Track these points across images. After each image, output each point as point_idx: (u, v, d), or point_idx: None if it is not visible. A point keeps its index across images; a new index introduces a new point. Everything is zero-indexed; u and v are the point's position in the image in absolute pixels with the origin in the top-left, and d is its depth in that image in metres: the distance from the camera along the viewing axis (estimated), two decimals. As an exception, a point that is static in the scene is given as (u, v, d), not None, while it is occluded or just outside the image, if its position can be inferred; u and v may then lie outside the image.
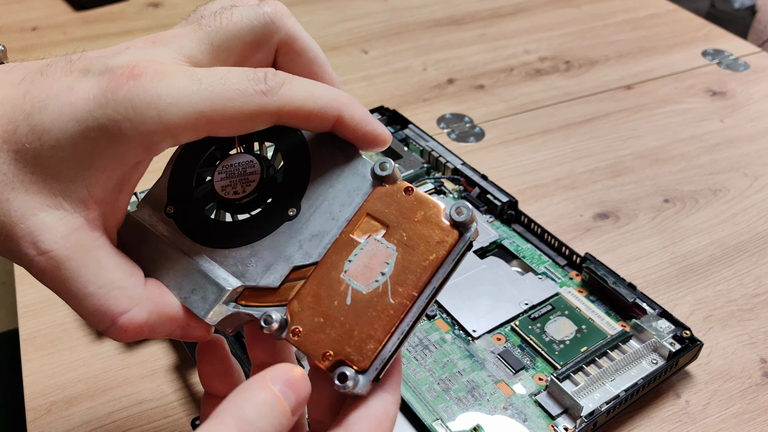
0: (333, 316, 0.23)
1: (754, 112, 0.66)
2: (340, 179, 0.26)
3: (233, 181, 0.26)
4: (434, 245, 0.24)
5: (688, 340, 0.40)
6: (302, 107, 0.23)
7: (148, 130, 0.22)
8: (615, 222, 0.53)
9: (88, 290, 0.23)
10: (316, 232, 0.25)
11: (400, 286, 0.24)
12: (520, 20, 0.82)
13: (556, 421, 0.37)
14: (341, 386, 0.22)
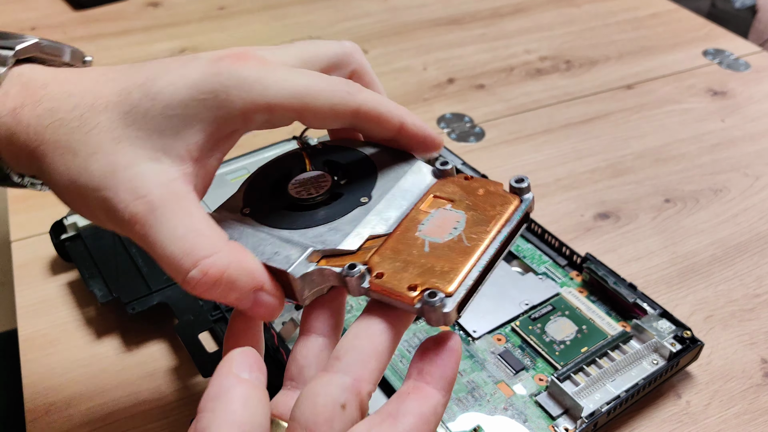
0: (414, 261, 0.25)
1: (755, 111, 0.66)
2: (405, 176, 0.29)
3: (306, 187, 0.29)
4: (499, 207, 0.27)
5: (689, 340, 0.40)
6: (375, 109, 0.28)
7: (252, 100, 0.25)
8: (615, 222, 0.53)
9: (176, 233, 0.24)
10: (389, 211, 0.28)
11: (473, 234, 0.26)
12: (521, 20, 0.82)
13: (557, 421, 0.36)
14: (430, 303, 0.23)
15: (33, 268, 0.48)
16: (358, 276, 0.25)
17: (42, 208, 0.53)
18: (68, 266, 0.48)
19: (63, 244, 0.46)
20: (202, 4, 0.84)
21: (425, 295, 0.24)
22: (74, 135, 0.26)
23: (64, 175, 0.26)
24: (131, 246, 0.45)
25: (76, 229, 0.46)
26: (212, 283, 0.24)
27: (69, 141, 0.26)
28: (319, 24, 0.80)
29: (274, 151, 0.55)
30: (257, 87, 0.25)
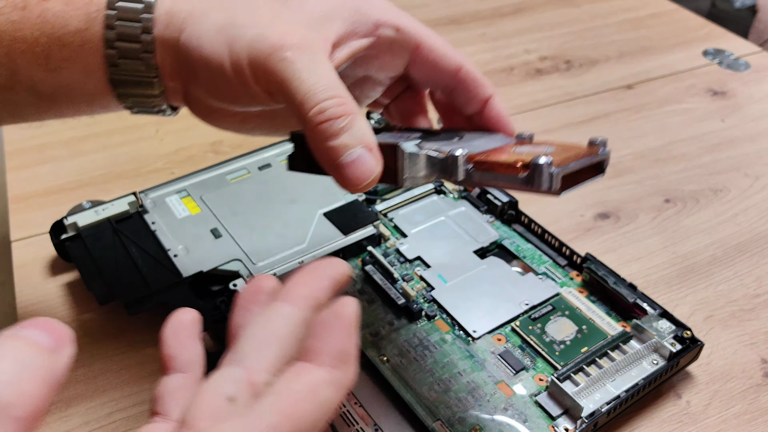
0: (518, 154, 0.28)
1: (755, 111, 0.66)
2: (495, 136, 0.33)
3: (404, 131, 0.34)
4: (579, 148, 0.30)
5: (689, 340, 0.40)
6: (474, 72, 0.34)
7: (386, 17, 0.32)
8: (615, 222, 0.53)
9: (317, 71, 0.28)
10: (485, 144, 0.31)
11: (562, 153, 0.28)
12: (521, 20, 0.82)
13: (557, 421, 0.36)
14: (539, 164, 0.25)
15: (33, 268, 0.48)
16: (463, 156, 0.28)
17: (42, 208, 0.53)
18: (68, 266, 0.48)
19: (63, 244, 0.46)
20: None
21: (532, 160, 0.25)
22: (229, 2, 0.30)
23: (216, 23, 0.29)
24: (131, 246, 0.45)
25: (76, 229, 0.46)
26: (337, 117, 0.27)
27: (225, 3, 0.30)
28: (319, 24, 0.80)
29: (274, 151, 0.55)
30: (395, 11, 0.32)
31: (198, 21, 0.29)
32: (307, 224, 0.47)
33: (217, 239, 0.46)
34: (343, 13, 0.31)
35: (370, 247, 0.46)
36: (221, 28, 0.29)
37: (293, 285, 0.24)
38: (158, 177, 0.56)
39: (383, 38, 0.32)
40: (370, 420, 0.37)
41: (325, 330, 0.22)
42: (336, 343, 0.22)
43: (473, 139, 0.32)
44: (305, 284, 0.24)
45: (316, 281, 0.24)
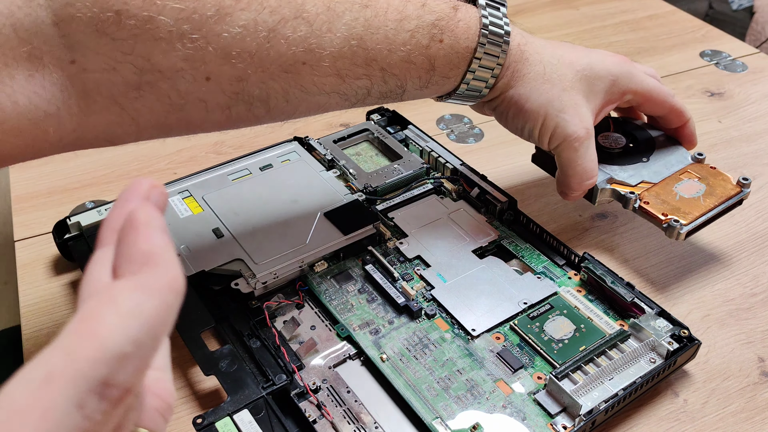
0: (668, 202, 0.45)
1: (752, 112, 0.66)
2: (674, 154, 0.49)
3: (609, 141, 0.49)
4: (726, 190, 0.46)
5: (686, 339, 0.40)
6: (681, 109, 0.48)
7: (629, 87, 0.46)
8: (613, 222, 0.53)
9: (591, 157, 0.45)
10: (658, 171, 0.48)
11: (708, 198, 0.45)
12: (520, 21, 0.82)
13: (555, 419, 0.37)
14: (673, 224, 0.43)
15: (36, 267, 0.48)
16: (634, 198, 0.45)
17: (45, 208, 0.53)
18: (71, 266, 0.48)
19: (66, 244, 0.46)
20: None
21: (671, 219, 0.44)
22: (552, 75, 0.43)
23: (543, 95, 0.43)
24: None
25: (79, 228, 0.47)
26: (587, 188, 0.46)
27: (550, 77, 0.43)
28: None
29: (275, 152, 0.55)
30: (635, 80, 0.45)
31: (525, 85, 0.43)
32: (307, 224, 0.48)
33: (218, 239, 0.47)
34: (606, 87, 0.45)
35: (370, 246, 0.47)
36: (545, 103, 0.42)
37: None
38: (161, 177, 0.57)
39: (625, 101, 0.47)
40: (370, 418, 0.37)
41: (121, 243, 0.21)
42: (134, 250, 0.20)
43: (655, 162, 0.48)
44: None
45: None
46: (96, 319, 0.18)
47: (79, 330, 0.18)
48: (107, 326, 0.18)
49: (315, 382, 0.39)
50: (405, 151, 0.55)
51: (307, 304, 0.44)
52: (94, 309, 0.18)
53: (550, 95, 0.42)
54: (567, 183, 0.45)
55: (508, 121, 0.45)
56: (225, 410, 0.36)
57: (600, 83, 0.44)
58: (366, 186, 0.51)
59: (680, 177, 0.47)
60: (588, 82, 0.44)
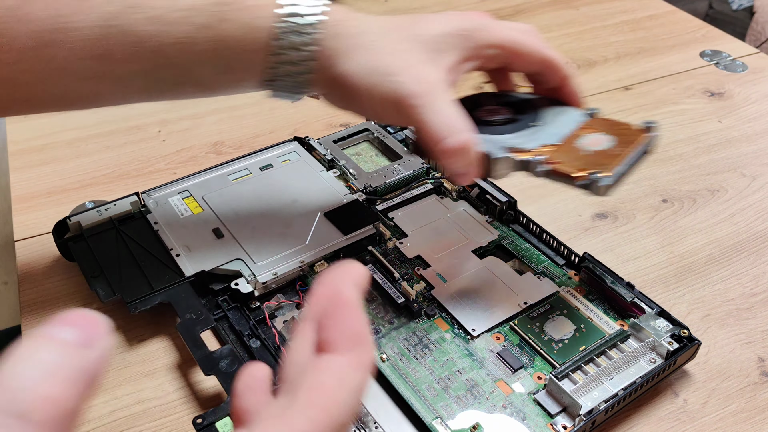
0: (579, 158, 0.37)
1: (752, 112, 0.66)
2: (565, 113, 0.42)
3: (492, 115, 0.42)
4: (635, 135, 0.39)
5: (686, 339, 0.40)
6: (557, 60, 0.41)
7: (489, 39, 0.39)
8: (613, 222, 0.53)
9: (443, 112, 0.37)
10: (553, 132, 0.40)
11: (621, 146, 0.38)
12: (520, 21, 0.82)
13: (555, 419, 0.37)
14: (595, 177, 0.35)
15: (36, 267, 0.48)
16: (540, 161, 0.37)
17: (45, 209, 0.53)
18: (71, 266, 0.48)
19: (66, 244, 0.46)
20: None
21: (590, 174, 0.36)
22: (375, 42, 0.38)
23: (366, 65, 0.37)
24: (134, 246, 0.46)
25: (78, 229, 0.47)
26: (459, 150, 0.37)
27: (372, 45, 0.37)
28: (319, 25, 0.80)
29: (275, 152, 0.55)
30: (493, 32, 0.40)
31: (346, 61, 0.37)
32: (307, 224, 0.48)
33: (218, 239, 0.47)
34: (457, 42, 0.39)
35: (370, 246, 0.47)
36: (369, 72, 0.37)
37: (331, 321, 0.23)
38: (161, 177, 0.57)
39: (488, 56, 0.40)
40: (370, 417, 0.37)
41: (331, 319, 0.22)
42: (346, 328, 0.22)
43: (548, 124, 0.41)
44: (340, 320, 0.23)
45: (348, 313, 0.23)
46: (328, 394, 0.21)
47: (313, 401, 0.21)
48: (338, 401, 0.21)
49: (315, 382, 0.39)
50: (405, 151, 0.55)
51: (307, 304, 0.44)
52: (324, 383, 0.21)
53: (374, 64, 0.37)
54: (433, 153, 0.38)
55: (346, 104, 0.40)
56: (225, 410, 0.36)
57: (448, 39, 0.39)
58: (366, 186, 0.51)
59: (581, 133, 0.40)
60: (428, 42, 0.38)
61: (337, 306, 0.23)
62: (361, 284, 0.24)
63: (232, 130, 0.63)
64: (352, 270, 0.24)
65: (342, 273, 0.24)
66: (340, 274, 0.24)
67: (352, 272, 0.24)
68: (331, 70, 0.38)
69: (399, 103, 0.37)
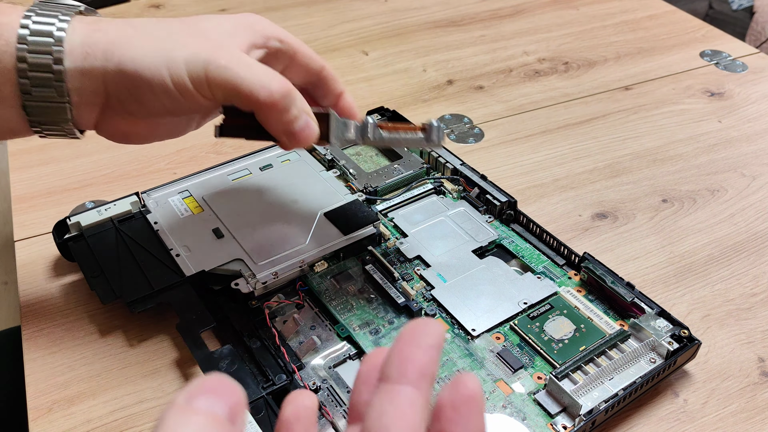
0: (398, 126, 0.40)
1: (752, 112, 0.66)
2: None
3: None
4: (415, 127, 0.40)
5: (686, 339, 0.40)
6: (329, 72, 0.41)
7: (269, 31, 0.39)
8: (613, 222, 0.53)
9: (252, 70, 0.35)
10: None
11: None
12: (519, 22, 0.82)
13: (555, 419, 0.37)
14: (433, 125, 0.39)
15: (36, 267, 0.48)
16: (374, 123, 0.39)
17: (45, 209, 0.53)
18: (71, 266, 0.48)
19: (66, 244, 0.46)
20: (204, 5, 0.84)
21: (428, 122, 0.38)
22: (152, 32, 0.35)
23: (152, 45, 0.34)
24: (134, 246, 0.46)
25: (78, 229, 0.47)
26: (285, 95, 0.35)
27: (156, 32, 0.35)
28: (320, 26, 0.81)
29: (275, 152, 0.55)
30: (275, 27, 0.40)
31: (127, 49, 0.34)
32: (307, 224, 0.48)
33: (218, 239, 0.47)
34: (242, 31, 0.37)
35: (370, 246, 0.47)
36: (154, 53, 0.34)
37: (405, 361, 0.21)
38: (160, 177, 0.57)
39: (272, 48, 0.39)
40: (370, 417, 0.37)
41: (457, 414, 0.21)
42: (473, 427, 0.21)
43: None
44: (417, 360, 0.21)
45: (426, 354, 0.21)
46: None
47: None
48: None
49: (315, 382, 0.39)
50: (405, 151, 0.55)
51: (307, 304, 0.44)
52: None
53: (164, 45, 0.34)
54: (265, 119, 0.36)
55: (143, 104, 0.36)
56: (225, 410, 0.36)
57: (234, 30, 0.37)
58: (366, 186, 0.51)
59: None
60: (217, 32, 0.36)
61: (466, 400, 0.21)
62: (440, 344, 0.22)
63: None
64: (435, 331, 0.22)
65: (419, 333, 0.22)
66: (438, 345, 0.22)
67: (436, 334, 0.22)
68: (102, 74, 0.34)
69: (207, 74, 0.34)
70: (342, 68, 0.72)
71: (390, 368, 0.21)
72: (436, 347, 0.22)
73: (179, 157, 0.60)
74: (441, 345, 0.22)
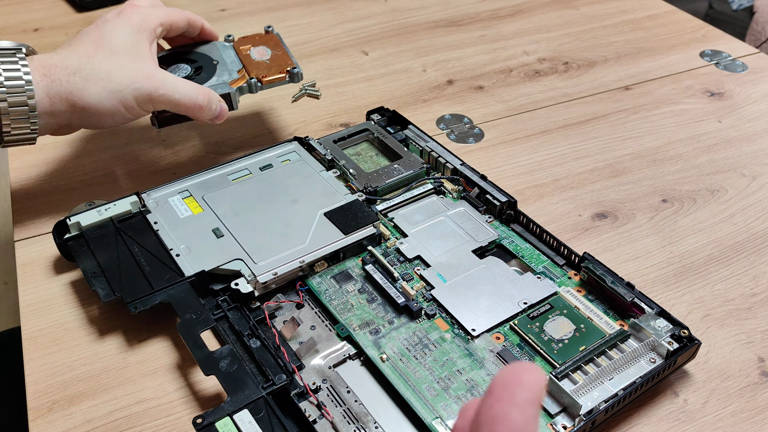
0: (266, 65, 0.56)
1: (752, 112, 0.66)
2: (217, 46, 0.57)
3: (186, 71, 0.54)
4: (268, 38, 0.59)
5: (686, 339, 0.40)
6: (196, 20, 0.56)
7: (155, 24, 0.51)
8: (613, 222, 0.53)
9: (181, 89, 0.49)
10: (234, 60, 0.56)
11: (273, 49, 0.57)
12: (519, 22, 0.82)
13: (555, 419, 0.37)
14: (294, 72, 0.55)
15: (36, 267, 0.48)
16: (254, 83, 0.54)
17: (45, 209, 0.53)
18: (71, 266, 0.48)
19: (66, 244, 0.46)
20: (204, 5, 0.84)
21: (287, 70, 0.55)
22: (95, 71, 0.46)
23: (104, 91, 0.46)
24: (134, 246, 0.46)
25: (78, 228, 0.47)
26: (209, 102, 0.50)
27: (95, 74, 0.46)
28: (319, 26, 0.81)
29: (275, 152, 0.55)
30: (153, 13, 0.51)
31: (83, 96, 0.46)
32: (308, 224, 0.48)
33: (218, 239, 0.47)
34: (139, 36, 0.49)
35: (370, 246, 0.47)
36: (108, 96, 0.46)
37: (497, 422, 0.19)
38: (161, 177, 0.57)
39: (160, 34, 0.52)
40: (370, 418, 0.37)
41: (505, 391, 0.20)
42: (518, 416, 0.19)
43: (222, 57, 0.56)
44: (512, 421, 0.19)
45: (522, 413, 0.19)
46: None
47: None
48: None
49: (315, 382, 0.39)
50: (405, 151, 0.55)
51: (307, 304, 0.44)
52: None
53: (110, 87, 0.46)
54: (195, 117, 0.50)
55: (100, 125, 0.49)
56: (225, 410, 0.36)
57: (134, 39, 0.48)
58: (366, 186, 0.51)
59: (244, 52, 0.56)
60: (123, 47, 0.48)
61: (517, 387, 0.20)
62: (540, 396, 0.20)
63: (232, 130, 0.63)
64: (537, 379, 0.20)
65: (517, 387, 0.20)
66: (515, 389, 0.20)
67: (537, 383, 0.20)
68: (77, 107, 0.46)
69: (151, 100, 0.48)
70: (342, 68, 0.72)
71: (480, 430, 0.19)
72: (534, 403, 0.19)
73: (179, 157, 0.60)
74: (541, 398, 0.19)
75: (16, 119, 0.44)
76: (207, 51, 0.56)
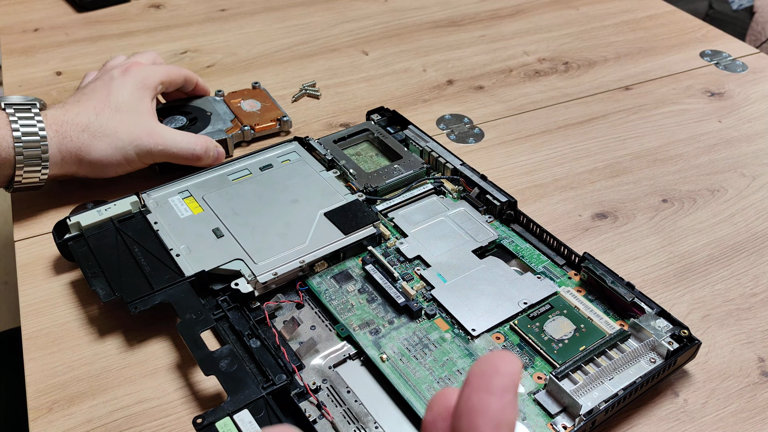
0: (257, 115, 0.61)
1: (752, 112, 0.66)
2: (210, 101, 0.62)
3: (181, 122, 0.59)
4: (257, 93, 0.65)
5: (686, 339, 0.40)
6: (191, 76, 0.61)
7: (154, 82, 0.56)
8: (613, 222, 0.53)
9: (179, 142, 0.53)
10: (226, 111, 0.61)
11: (262, 101, 0.63)
12: (519, 22, 0.82)
13: (555, 419, 0.37)
14: (285, 120, 0.61)
15: (36, 267, 0.48)
16: (248, 130, 0.59)
17: (45, 208, 0.53)
18: (71, 266, 0.48)
19: (66, 244, 0.46)
20: (204, 5, 0.84)
21: (278, 119, 0.61)
22: (103, 127, 0.51)
23: (110, 147, 0.51)
24: (134, 246, 0.46)
25: (78, 228, 0.47)
26: (206, 151, 0.54)
27: (102, 130, 0.51)
28: (320, 26, 0.81)
29: (275, 152, 0.55)
30: (155, 73, 0.56)
31: (91, 152, 0.50)
32: (308, 224, 0.48)
33: (218, 239, 0.47)
34: (141, 93, 0.53)
35: (370, 246, 0.47)
36: (113, 152, 0.51)
37: (476, 413, 0.19)
38: (160, 177, 0.57)
39: (159, 91, 0.56)
40: (370, 418, 0.37)
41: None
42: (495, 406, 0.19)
43: (215, 110, 0.61)
44: (490, 409, 0.19)
45: (500, 400, 0.19)
46: None
47: None
48: None
49: (315, 382, 0.39)
50: (405, 151, 0.55)
51: (307, 304, 0.44)
52: None
53: (115, 143, 0.51)
54: (193, 165, 0.54)
55: (104, 175, 0.53)
56: (225, 410, 0.36)
57: (136, 97, 0.53)
58: (366, 186, 0.51)
59: (235, 104, 0.62)
60: (127, 105, 0.52)
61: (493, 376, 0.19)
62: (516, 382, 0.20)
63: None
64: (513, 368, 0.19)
65: (493, 376, 0.19)
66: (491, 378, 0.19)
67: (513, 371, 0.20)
68: (84, 161, 0.50)
69: (151, 155, 0.52)
70: (342, 68, 0.72)
71: (460, 422, 0.19)
72: (511, 389, 0.19)
73: (179, 157, 0.59)
74: (517, 384, 0.19)
75: (29, 170, 0.48)
76: (200, 104, 0.61)
